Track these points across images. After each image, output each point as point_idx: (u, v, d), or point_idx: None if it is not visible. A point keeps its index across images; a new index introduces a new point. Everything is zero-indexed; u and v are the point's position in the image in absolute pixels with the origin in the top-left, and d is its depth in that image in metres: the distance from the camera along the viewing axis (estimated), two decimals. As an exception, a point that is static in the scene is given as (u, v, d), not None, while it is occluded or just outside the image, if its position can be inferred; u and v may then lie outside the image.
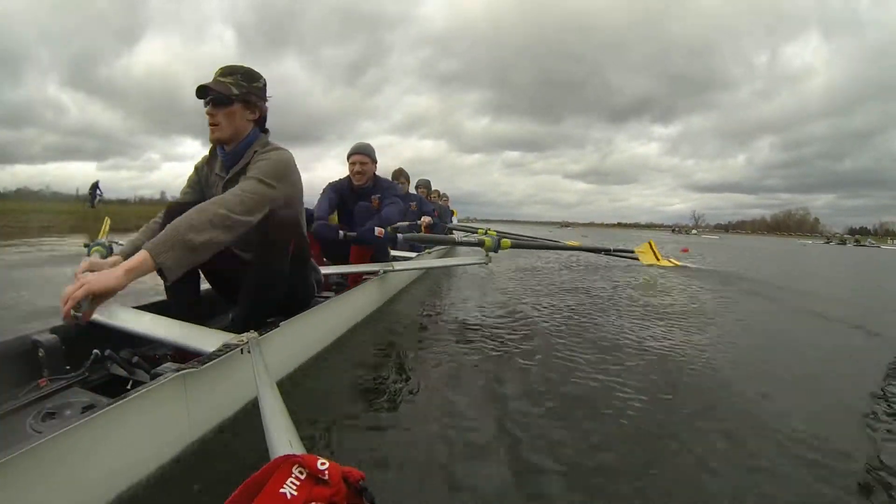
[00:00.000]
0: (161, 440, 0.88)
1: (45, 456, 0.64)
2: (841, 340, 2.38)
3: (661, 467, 1.00)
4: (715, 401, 1.40)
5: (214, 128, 1.28)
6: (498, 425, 1.17)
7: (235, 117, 1.29)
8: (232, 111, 1.28)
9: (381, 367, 1.58)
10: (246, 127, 1.33)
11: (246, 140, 1.33)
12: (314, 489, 0.49)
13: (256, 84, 1.33)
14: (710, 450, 1.08)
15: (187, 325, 1.18)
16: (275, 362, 1.25)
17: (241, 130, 1.32)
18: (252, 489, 0.49)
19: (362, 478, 0.52)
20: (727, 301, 3.36)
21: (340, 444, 1.05)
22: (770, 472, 0.99)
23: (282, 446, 0.63)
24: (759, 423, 1.24)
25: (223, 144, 1.33)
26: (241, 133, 1.32)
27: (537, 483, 0.93)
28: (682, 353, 1.88)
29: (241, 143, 1.33)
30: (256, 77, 1.33)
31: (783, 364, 1.84)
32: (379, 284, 2.44)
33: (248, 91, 1.30)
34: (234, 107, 1.28)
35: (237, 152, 1.33)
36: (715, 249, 12.69)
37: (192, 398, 0.95)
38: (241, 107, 1.29)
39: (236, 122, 1.29)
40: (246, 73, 1.31)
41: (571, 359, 1.75)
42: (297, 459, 0.51)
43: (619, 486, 0.93)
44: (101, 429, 0.74)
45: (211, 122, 1.28)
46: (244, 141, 1.33)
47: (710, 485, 0.94)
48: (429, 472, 0.95)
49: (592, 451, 1.07)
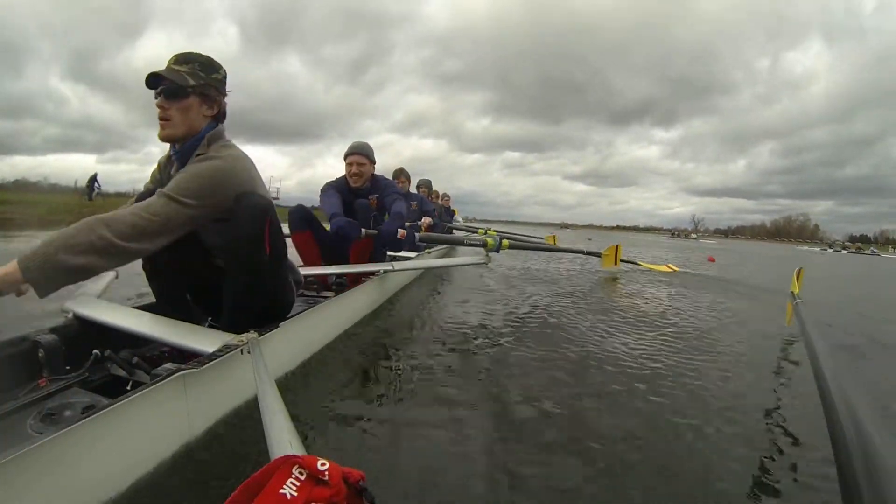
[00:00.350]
0: (161, 440, 0.88)
1: (45, 456, 0.64)
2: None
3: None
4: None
5: (165, 123, 1.13)
6: (497, 425, 1.17)
7: (190, 112, 1.15)
8: (187, 105, 1.14)
9: (382, 367, 1.58)
10: (201, 123, 1.19)
11: (196, 137, 1.18)
12: (314, 490, 0.49)
13: (216, 75, 1.19)
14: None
15: (187, 326, 1.18)
16: (275, 362, 1.25)
17: (196, 127, 1.17)
18: (252, 489, 0.49)
19: (362, 478, 0.52)
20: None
21: (340, 444, 1.05)
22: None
23: (282, 447, 0.63)
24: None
25: (174, 142, 1.19)
26: (195, 130, 1.18)
27: (537, 483, 0.93)
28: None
29: (192, 141, 1.18)
30: (216, 67, 1.20)
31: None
32: (379, 284, 2.44)
33: (205, 83, 1.16)
34: (190, 100, 1.14)
35: (186, 150, 1.19)
36: (732, 257, 11.90)
37: (192, 398, 0.95)
38: (198, 100, 1.16)
39: (191, 117, 1.15)
40: (205, 62, 1.17)
41: (569, 357, 1.75)
42: (297, 460, 0.51)
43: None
44: (101, 429, 0.74)
45: (161, 117, 1.13)
46: (193, 139, 1.18)
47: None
48: (429, 472, 0.95)
49: (593, 452, 1.07)
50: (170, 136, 1.16)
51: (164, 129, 1.14)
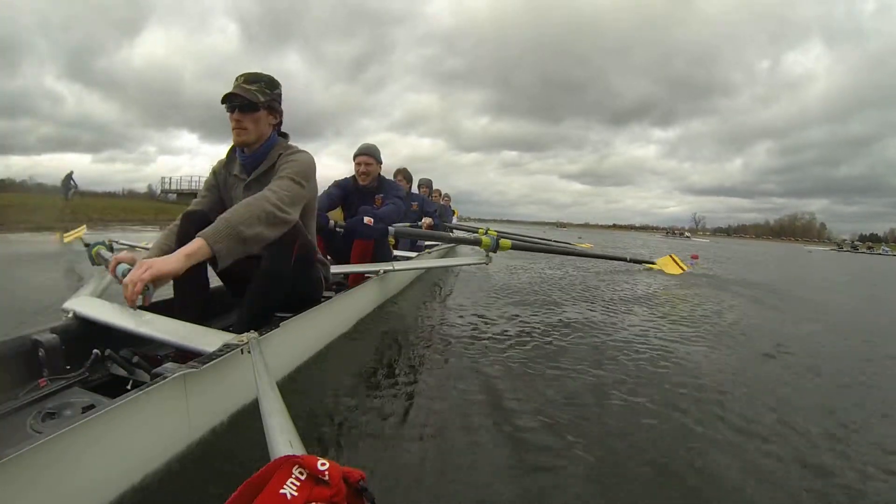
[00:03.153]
0: (161, 440, 0.88)
1: (45, 456, 0.64)
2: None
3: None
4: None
5: (241, 131, 1.35)
6: (496, 425, 1.17)
7: (261, 122, 1.37)
8: (258, 116, 1.35)
9: (381, 367, 1.58)
10: (268, 131, 1.40)
11: (267, 143, 1.40)
12: (314, 489, 0.49)
13: (277, 91, 1.41)
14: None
15: (188, 325, 1.18)
16: (275, 362, 1.25)
17: (264, 134, 1.40)
18: (252, 489, 0.49)
19: (362, 478, 0.52)
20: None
21: (340, 444, 1.05)
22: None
23: (282, 446, 0.63)
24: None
25: (246, 147, 1.40)
26: (264, 137, 1.40)
27: (536, 483, 0.93)
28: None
29: (262, 147, 1.40)
30: (277, 85, 1.41)
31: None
32: (379, 284, 2.44)
33: (271, 98, 1.38)
34: (260, 112, 1.36)
35: (258, 155, 1.40)
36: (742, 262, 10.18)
37: (193, 398, 0.94)
38: (266, 112, 1.37)
39: (261, 126, 1.37)
40: (269, 81, 1.39)
41: (566, 355, 1.75)
42: (297, 460, 0.51)
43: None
44: (101, 429, 0.73)
45: (237, 127, 1.34)
46: (265, 144, 1.40)
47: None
48: (429, 472, 0.95)
49: (591, 454, 1.07)
50: (244, 142, 1.37)
51: (240, 136, 1.36)
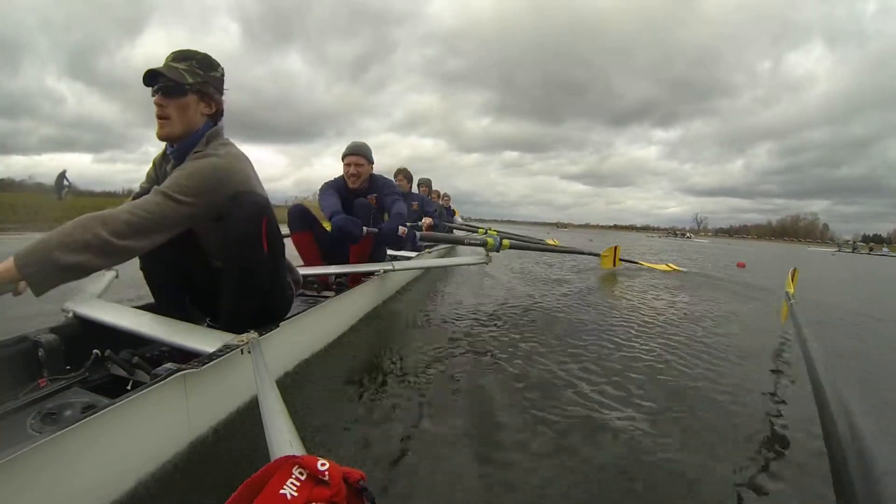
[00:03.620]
0: (161, 441, 0.88)
1: (45, 456, 0.64)
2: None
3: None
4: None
5: (163, 122, 1.12)
6: (496, 424, 1.17)
7: (188, 110, 1.14)
8: (185, 103, 1.13)
9: (382, 367, 1.58)
10: (199, 122, 1.18)
11: (195, 135, 1.17)
12: (314, 490, 0.49)
13: (214, 73, 1.18)
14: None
15: (187, 326, 1.18)
16: (275, 362, 1.25)
17: (194, 126, 1.16)
18: (252, 490, 0.49)
19: (362, 478, 0.52)
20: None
21: (340, 444, 1.05)
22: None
23: (282, 447, 0.63)
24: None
25: (172, 141, 1.18)
26: (193, 128, 1.17)
27: (536, 483, 0.93)
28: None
29: (189, 140, 1.17)
30: (215, 65, 1.19)
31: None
32: (379, 284, 2.44)
33: (204, 80, 1.15)
34: (188, 98, 1.13)
35: (184, 149, 1.17)
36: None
37: (193, 398, 0.95)
38: (196, 98, 1.15)
39: (189, 115, 1.14)
40: (203, 59, 1.16)
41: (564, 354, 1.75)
42: (297, 460, 0.51)
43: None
44: (101, 429, 0.74)
45: (159, 115, 1.12)
46: (194, 136, 1.17)
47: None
48: (428, 472, 0.95)
49: (583, 454, 1.07)
50: (168, 134, 1.14)
51: (163, 128, 1.13)
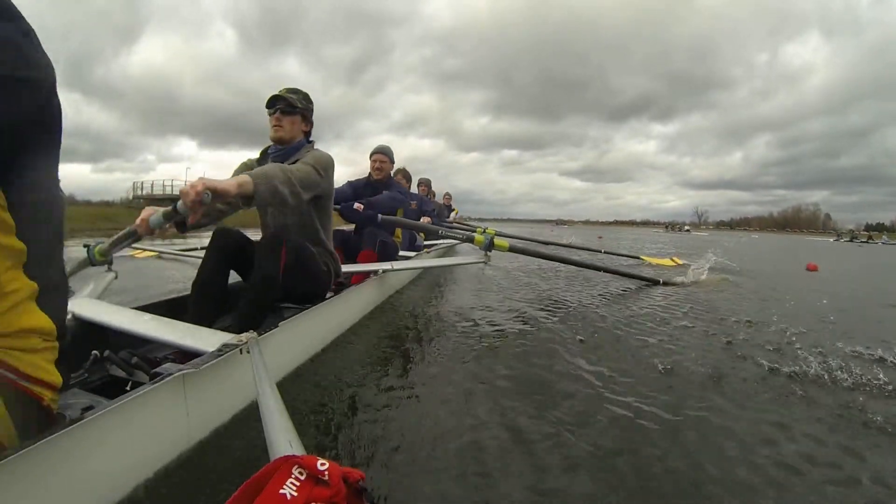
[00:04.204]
0: (161, 441, 0.88)
1: (44, 457, 0.64)
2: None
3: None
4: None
5: (278, 128, 1.62)
6: (496, 424, 1.18)
7: (295, 125, 1.66)
8: (294, 119, 1.65)
9: (381, 366, 1.58)
10: (299, 134, 1.69)
11: (297, 143, 1.68)
12: (314, 490, 0.49)
13: (311, 105, 1.74)
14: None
15: (187, 326, 1.18)
16: (274, 362, 1.25)
17: (295, 136, 1.68)
18: (252, 490, 0.49)
19: (362, 478, 0.52)
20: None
21: (340, 444, 1.05)
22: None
23: (282, 447, 0.63)
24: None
25: (280, 144, 1.66)
26: (295, 138, 1.68)
27: (537, 482, 0.94)
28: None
29: (292, 146, 1.67)
30: (311, 100, 1.74)
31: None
32: (378, 284, 2.45)
33: (305, 108, 1.70)
34: (296, 116, 1.66)
35: (288, 151, 1.65)
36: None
37: (192, 399, 0.95)
38: (300, 118, 1.68)
39: (295, 128, 1.66)
40: (305, 95, 1.71)
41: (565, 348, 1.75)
42: (296, 460, 0.52)
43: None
44: (100, 430, 0.74)
45: (276, 124, 1.62)
46: (296, 144, 1.68)
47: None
48: (429, 472, 0.95)
49: (586, 448, 1.07)
50: (280, 137, 1.64)
51: (277, 133, 1.63)
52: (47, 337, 0.70)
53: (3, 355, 0.63)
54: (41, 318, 0.68)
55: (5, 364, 0.64)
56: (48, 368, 0.70)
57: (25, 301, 0.66)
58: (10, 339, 0.64)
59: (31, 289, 0.67)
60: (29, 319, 0.66)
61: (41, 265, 0.69)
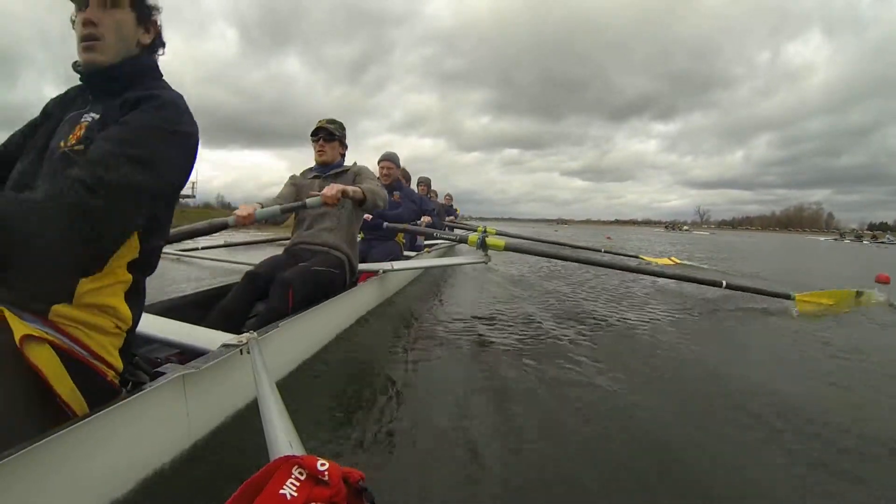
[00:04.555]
0: (161, 441, 0.88)
1: (45, 456, 0.64)
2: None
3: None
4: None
5: (322, 153, 2.11)
6: (496, 424, 1.18)
7: (335, 149, 2.13)
8: (334, 144, 2.12)
9: (381, 366, 1.58)
10: (337, 157, 2.16)
11: (336, 164, 2.16)
12: (314, 490, 0.49)
13: (345, 131, 2.19)
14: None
15: (187, 326, 1.19)
16: (275, 362, 1.25)
17: (335, 158, 2.15)
18: (252, 490, 0.49)
19: (362, 478, 0.52)
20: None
21: (340, 444, 1.05)
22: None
23: (282, 447, 0.63)
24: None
25: (324, 166, 2.14)
26: (335, 160, 2.15)
27: (536, 482, 0.94)
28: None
29: (333, 165, 2.15)
30: (345, 127, 2.19)
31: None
32: (379, 284, 2.45)
33: (342, 135, 2.17)
34: (335, 142, 2.12)
35: (331, 168, 2.14)
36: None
37: (192, 399, 0.95)
38: (338, 143, 2.15)
39: (334, 152, 2.13)
40: (341, 124, 2.16)
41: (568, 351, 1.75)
42: (296, 460, 0.51)
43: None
44: (101, 429, 0.74)
45: (319, 150, 2.11)
46: (335, 165, 2.15)
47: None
48: (428, 472, 0.95)
49: (580, 449, 1.07)
50: (324, 161, 2.12)
51: (322, 157, 2.12)
52: (121, 324, 0.81)
53: (79, 333, 0.74)
54: (123, 306, 0.81)
55: (80, 342, 0.74)
56: (113, 353, 0.80)
57: (119, 286, 0.80)
58: (92, 314, 0.76)
59: (127, 281, 0.81)
60: (115, 301, 0.79)
61: (140, 267, 0.84)
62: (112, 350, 0.80)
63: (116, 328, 0.80)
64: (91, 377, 0.75)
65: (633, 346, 2.00)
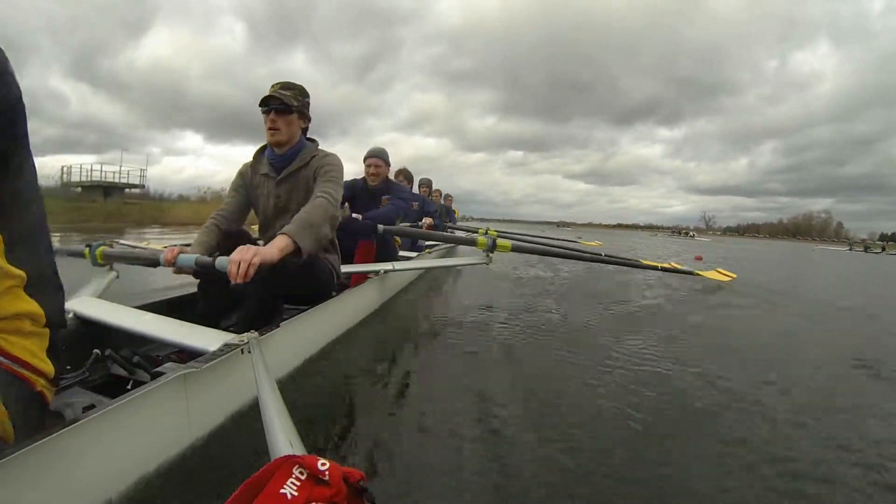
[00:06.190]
0: (161, 440, 0.88)
1: (45, 455, 0.64)
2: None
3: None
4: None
5: (275, 132, 1.48)
6: (496, 424, 1.17)
7: (293, 125, 1.51)
8: (290, 119, 1.49)
9: (381, 366, 1.58)
10: (298, 134, 1.55)
11: (297, 146, 1.55)
12: (314, 489, 0.49)
13: (307, 99, 1.57)
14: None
15: (187, 325, 1.18)
16: (275, 362, 1.25)
17: (294, 137, 1.53)
18: (252, 489, 0.49)
19: (363, 478, 0.52)
20: None
21: (340, 443, 1.05)
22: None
23: (282, 446, 0.63)
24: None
25: (278, 147, 1.53)
26: (294, 138, 1.54)
27: (534, 481, 0.93)
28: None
29: (292, 149, 1.54)
30: (307, 94, 1.57)
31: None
32: (380, 284, 2.44)
33: (302, 104, 1.53)
34: (293, 115, 1.50)
35: (289, 155, 1.53)
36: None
37: (193, 398, 0.94)
38: (297, 116, 1.52)
39: (293, 128, 1.51)
40: (301, 89, 1.53)
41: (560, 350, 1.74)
42: (297, 460, 0.51)
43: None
44: (101, 429, 0.74)
45: (271, 127, 1.47)
46: (295, 146, 1.54)
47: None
48: (429, 471, 0.95)
49: (574, 448, 1.07)
50: (278, 141, 1.50)
51: (274, 136, 1.49)
52: (36, 322, 0.70)
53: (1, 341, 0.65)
54: (30, 304, 0.69)
55: (3, 351, 0.65)
56: (40, 355, 0.70)
57: (13, 288, 0.67)
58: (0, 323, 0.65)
59: (20, 277, 0.68)
60: (17, 305, 0.67)
61: (24, 254, 0.69)
62: (37, 351, 0.70)
63: (34, 326, 0.70)
64: (16, 388, 0.66)
65: (640, 349, 2.00)
